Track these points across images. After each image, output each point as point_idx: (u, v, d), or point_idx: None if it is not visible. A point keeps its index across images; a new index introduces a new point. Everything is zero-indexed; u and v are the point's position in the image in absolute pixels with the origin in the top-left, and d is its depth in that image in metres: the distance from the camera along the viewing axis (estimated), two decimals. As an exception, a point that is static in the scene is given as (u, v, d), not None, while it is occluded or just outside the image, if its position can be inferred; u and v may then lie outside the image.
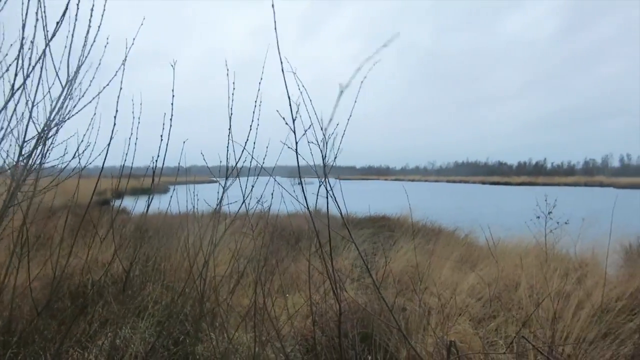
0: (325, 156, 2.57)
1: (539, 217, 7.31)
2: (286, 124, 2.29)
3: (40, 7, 2.75)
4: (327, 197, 2.53)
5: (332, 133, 2.51)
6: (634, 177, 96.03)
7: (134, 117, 3.03)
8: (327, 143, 2.50)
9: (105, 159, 3.02)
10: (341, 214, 2.81)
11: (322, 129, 2.38)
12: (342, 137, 2.58)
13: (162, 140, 2.97)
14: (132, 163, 3.13)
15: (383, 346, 3.51)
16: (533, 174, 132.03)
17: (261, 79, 3.00)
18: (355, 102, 2.54)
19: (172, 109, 3.02)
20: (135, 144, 3.04)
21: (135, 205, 3.57)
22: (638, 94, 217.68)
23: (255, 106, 2.94)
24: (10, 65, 2.88)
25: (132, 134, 3.02)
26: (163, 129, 2.99)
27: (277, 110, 2.39)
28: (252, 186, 3.01)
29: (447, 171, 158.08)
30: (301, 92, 2.43)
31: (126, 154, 3.04)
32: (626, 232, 10.16)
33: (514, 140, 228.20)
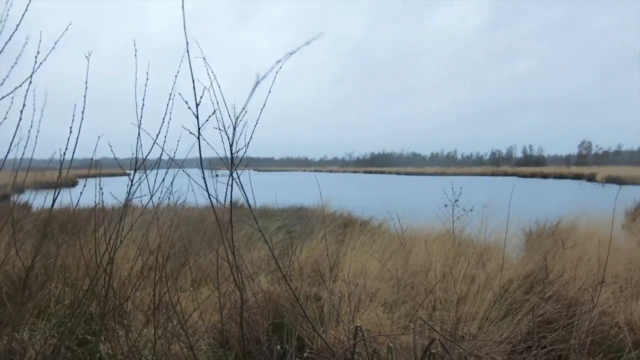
0: (232, 144, 2.52)
1: (446, 206, 7.66)
2: (189, 108, 2.22)
3: None
4: (231, 187, 2.49)
5: (241, 121, 2.47)
6: (534, 167, 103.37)
7: (34, 109, 2.83)
8: (234, 132, 2.46)
9: (7, 153, 2.83)
10: (249, 204, 2.78)
11: (230, 116, 2.34)
12: (255, 126, 2.55)
13: (71, 131, 2.81)
14: (32, 156, 2.95)
15: (298, 335, 3.54)
16: (445, 164, 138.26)
17: (177, 73, 2.89)
18: (270, 92, 2.51)
19: (85, 101, 2.86)
20: (37, 136, 2.86)
21: (33, 199, 3.36)
22: (545, 91, 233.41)
23: (170, 98, 2.83)
24: None
25: (31, 126, 2.83)
26: (73, 120, 2.84)
27: (179, 93, 2.32)
28: (163, 179, 2.91)
29: (364, 162, 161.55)
30: (211, 80, 2.38)
31: (24, 147, 2.85)
32: (528, 217, 10.90)
33: (429, 132, 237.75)
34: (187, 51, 2.20)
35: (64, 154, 2.86)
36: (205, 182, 2.70)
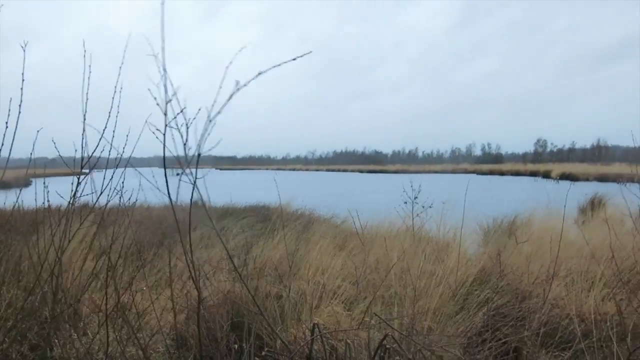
0: (186, 141, 2.50)
1: (406, 203, 7.75)
2: (158, 104, 2.19)
3: None
4: (194, 186, 2.46)
5: (208, 121, 2.45)
6: (493, 164, 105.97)
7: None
8: (187, 129, 2.43)
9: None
10: (204, 204, 2.75)
11: (182, 112, 2.31)
12: (211, 124, 2.52)
13: (7, 127, 2.71)
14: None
15: (258, 334, 3.52)
16: (406, 162, 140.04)
17: (123, 63, 2.82)
18: (220, 87, 2.48)
19: (22, 94, 2.77)
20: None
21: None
22: (506, 90, 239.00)
23: (115, 92, 2.77)
24: None
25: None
26: (9, 115, 2.73)
27: (149, 89, 2.28)
28: (111, 177, 2.85)
29: (327, 160, 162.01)
30: (163, 76, 2.34)
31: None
32: (486, 213, 11.16)
33: (392, 130, 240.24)
34: (162, 49, 2.16)
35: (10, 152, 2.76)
36: (166, 180, 2.65)
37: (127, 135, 2.87)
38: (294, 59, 2.43)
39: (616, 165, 64.75)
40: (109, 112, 2.81)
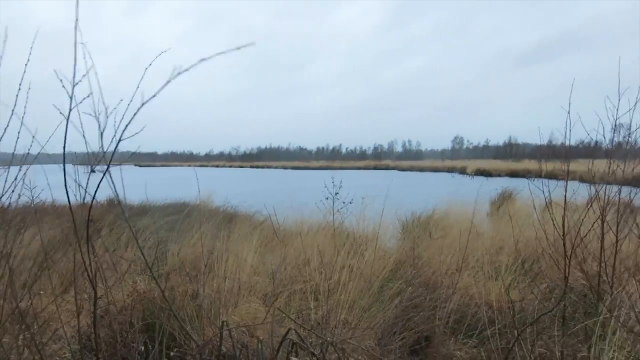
0: (102, 134, 2.40)
1: (327, 198, 7.86)
2: (63, 86, 2.07)
3: None
4: (111, 182, 2.36)
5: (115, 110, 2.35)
6: (413, 160, 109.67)
7: None
8: (98, 120, 2.33)
9: None
10: (119, 201, 2.66)
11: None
12: (124, 117, 2.43)
13: None
14: None
15: (172, 334, 3.44)
16: (330, 158, 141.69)
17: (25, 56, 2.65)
18: (137, 86, 2.40)
19: None
20: None
21: None
22: (430, 89, 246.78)
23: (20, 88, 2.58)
24: None
25: None
26: None
27: (55, 70, 2.15)
28: (8, 174, 2.66)
29: (251, 157, 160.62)
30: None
31: None
32: (406, 208, 11.50)
33: (317, 127, 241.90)
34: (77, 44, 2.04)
35: None
36: (65, 176, 2.52)
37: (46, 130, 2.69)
38: (238, 48, 2.38)
39: (526, 162, 68.91)
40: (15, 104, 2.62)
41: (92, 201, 2.16)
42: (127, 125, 2.36)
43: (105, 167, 2.43)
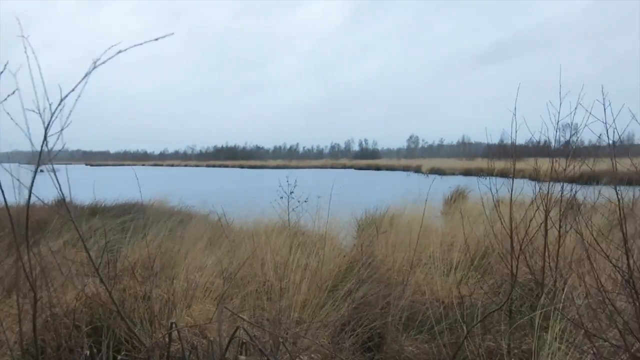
0: (46, 130, 2.33)
1: (282, 198, 7.85)
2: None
3: None
4: (57, 183, 2.29)
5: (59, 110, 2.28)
6: (370, 159, 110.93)
7: None
8: (42, 116, 2.26)
9: None
10: (64, 201, 2.58)
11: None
12: (61, 110, 2.36)
13: None
14: None
15: (120, 337, 3.37)
16: (287, 157, 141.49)
17: None
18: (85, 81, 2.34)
19: None
20: None
21: None
22: (389, 88, 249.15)
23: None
24: None
25: None
26: None
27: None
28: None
29: (207, 155, 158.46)
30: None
31: None
32: (362, 206, 11.60)
33: (274, 126, 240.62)
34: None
35: None
36: (16, 177, 2.44)
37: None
38: (156, 39, 2.35)
39: (478, 161, 70.69)
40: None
41: (29, 201, 2.09)
42: (49, 123, 2.30)
43: (50, 166, 2.36)
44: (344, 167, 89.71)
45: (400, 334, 3.93)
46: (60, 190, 2.29)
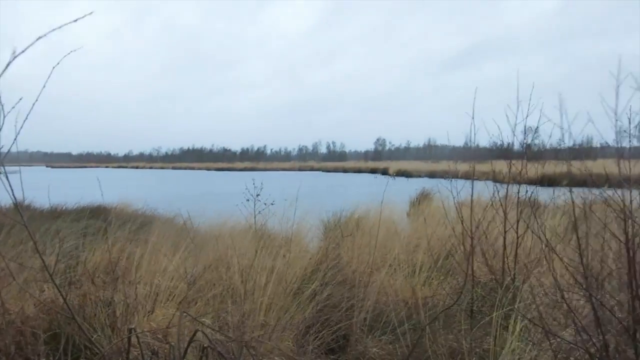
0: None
1: (248, 200, 7.80)
2: None
3: None
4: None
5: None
6: (337, 162, 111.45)
7: None
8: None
9: None
10: (16, 204, 2.51)
11: None
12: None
13: None
14: None
15: (80, 344, 3.29)
16: (255, 159, 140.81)
17: None
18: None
19: None
20: None
21: None
22: (357, 91, 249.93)
23: None
24: None
25: None
26: None
27: None
28: None
29: (173, 157, 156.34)
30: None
31: None
32: (329, 208, 11.62)
33: (242, 128, 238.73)
34: None
35: None
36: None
37: None
38: (75, 20, 2.31)
39: (444, 163, 71.79)
40: None
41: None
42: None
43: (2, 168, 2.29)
44: (312, 169, 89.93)
45: (365, 335, 3.95)
46: (13, 194, 2.22)
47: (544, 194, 7.30)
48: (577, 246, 2.60)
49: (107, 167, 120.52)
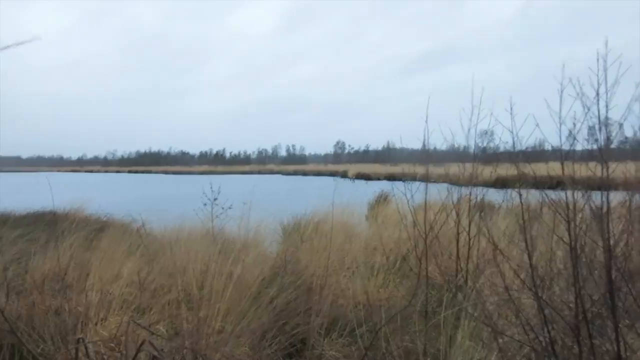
0: None
1: (205, 205, 7.73)
2: None
3: None
4: None
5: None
6: (297, 164, 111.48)
7: None
8: None
9: None
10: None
11: None
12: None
13: None
14: None
15: (27, 356, 3.18)
16: (213, 163, 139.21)
17: None
18: None
19: None
20: None
21: None
22: (319, 95, 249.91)
23: None
24: None
25: None
26: None
27: None
28: None
29: (129, 161, 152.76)
30: None
31: None
32: (289, 211, 11.60)
33: (201, 131, 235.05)
34: None
35: None
36: None
37: None
38: (20, 44, 2.25)
39: (402, 166, 72.80)
40: None
41: None
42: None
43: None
44: (272, 172, 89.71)
45: (322, 338, 3.97)
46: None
47: (497, 196, 7.52)
48: (525, 247, 2.68)
49: (59, 171, 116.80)
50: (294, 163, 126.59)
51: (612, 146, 3.21)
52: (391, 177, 50.41)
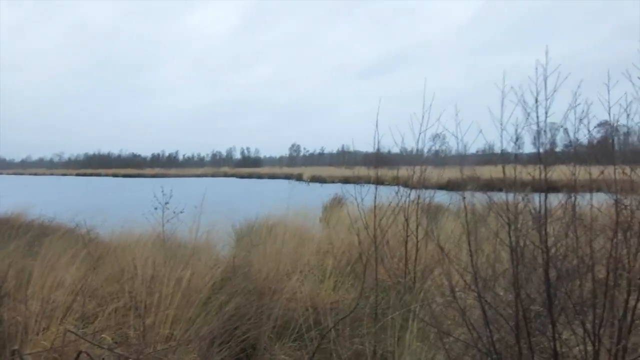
0: None
1: (156, 209, 7.55)
2: None
3: None
4: None
5: None
6: (252, 167, 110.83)
7: None
8: None
9: None
10: None
11: None
12: None
13: None
14: None
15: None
16: (166, 165, 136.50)
17: None
18: None
19: None
20: None
21: None
22: (275, 97, 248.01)
23: None
24: None
25: None
26: None
27: None
28: None
29: (77, 164, 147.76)
30: None
31: None
32: (242, 215, 11.49)
33: (154, 133, 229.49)
34: None
35: None
36: None
37: None
38: None
39: (357, 169, 73.34)
40: None
41: None
42: None
43: None
44: (226, 175, 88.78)
45: (274, 342, 3.95)
46: None
47: (448, 198, 7.68)
48: (469, 249, 2.75)
49: (0, 174, 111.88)
50: (248, 166, 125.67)
51: (557, 149, 3.35)
52: (346, 180, 50.79)
